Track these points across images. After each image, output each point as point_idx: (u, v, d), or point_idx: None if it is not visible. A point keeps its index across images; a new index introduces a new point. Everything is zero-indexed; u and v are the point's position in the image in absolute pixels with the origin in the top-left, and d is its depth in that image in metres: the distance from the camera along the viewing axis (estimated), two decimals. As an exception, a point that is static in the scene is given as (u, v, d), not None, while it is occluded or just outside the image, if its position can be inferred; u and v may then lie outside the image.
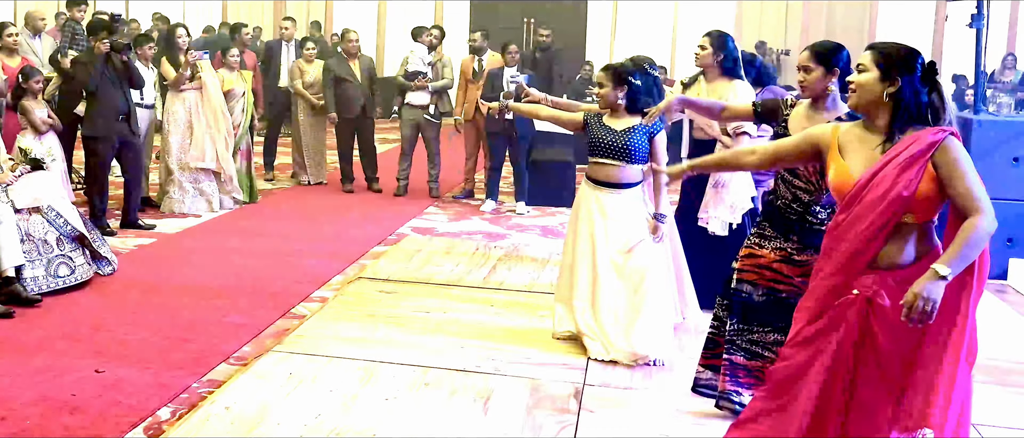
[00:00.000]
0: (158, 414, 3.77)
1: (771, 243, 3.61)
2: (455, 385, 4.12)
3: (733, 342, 3.69)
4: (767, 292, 3.60)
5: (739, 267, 3.68)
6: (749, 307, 3.64)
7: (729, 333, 3.70)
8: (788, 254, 3.56)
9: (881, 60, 2.74)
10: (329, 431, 3.61)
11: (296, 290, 5.61)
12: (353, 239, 7.11)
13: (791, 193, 3.57)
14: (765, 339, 3.63)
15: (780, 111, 3.70)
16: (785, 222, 3.58)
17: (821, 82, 3.54)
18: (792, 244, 3.56)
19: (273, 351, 4.47)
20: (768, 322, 3.60)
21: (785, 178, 3.61)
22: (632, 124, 4.54)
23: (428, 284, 5.82)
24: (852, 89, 2.80)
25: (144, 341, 4.60)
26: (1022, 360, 4.75)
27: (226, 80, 8.18)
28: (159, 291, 5.49)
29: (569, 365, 4.41)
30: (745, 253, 3.68)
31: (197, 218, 7.66)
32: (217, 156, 7.91)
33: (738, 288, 3.66)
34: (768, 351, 3.60)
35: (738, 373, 3.70)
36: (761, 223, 3.70)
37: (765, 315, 3.61)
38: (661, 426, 3.78)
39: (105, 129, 6.82)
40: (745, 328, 3.66)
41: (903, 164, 2.64)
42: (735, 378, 3.71)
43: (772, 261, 3.59)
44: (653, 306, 4.47)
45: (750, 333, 3.66)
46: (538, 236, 7.51)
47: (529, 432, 3.68)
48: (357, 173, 9.32)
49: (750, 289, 3.64)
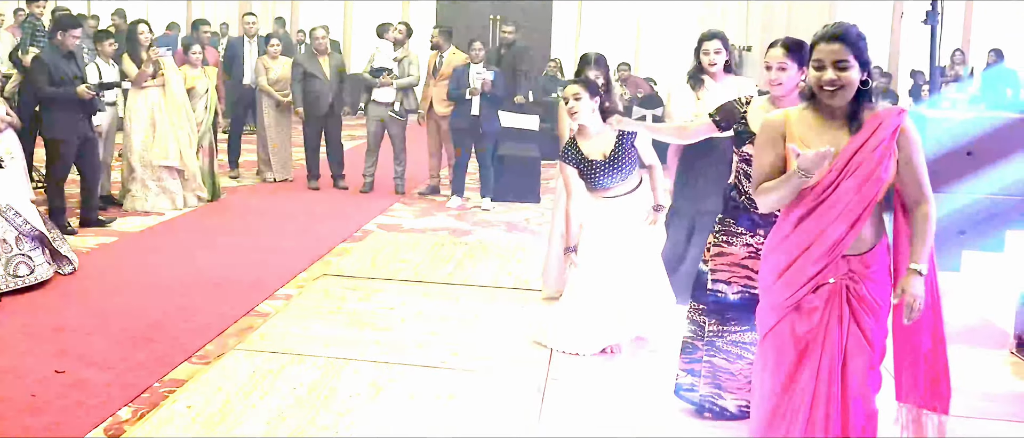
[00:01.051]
0: (119, 414, 3.75)
1: (739, 239, 3.63)
2: (419, 381, 4.14)
3: (713, 344, 3.70)
4: (742, 290, 3.62)
5: (713, 267, 3.69)
6: (725, 307, 3.66)
7: (708, 335, 3.71)
8: (756, 250, 3.55)
9: (857, 53, 2.73)
10: (292, 429, 3.61)
11: (260, 288, 5.60)
12: (318, 236, 7.10)
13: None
14: (743, 339, 3.64)
15: (736, 111, 3.72)
16: (751, 218, 3.61)
17: (794, 79, 3.55)
18: (759, 239, 3.56)
19: (236, 349, 4.47)
20: (746, 320, 3.59)
21: (746, 172, 3.60)
22: (607, 145, 4.44)
23: (393, 281, 5.83)
24: (839, 86, 2.73)
25: (105, 340, 4.57)
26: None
27: (189, 77, 8.13)
28: (121, 290, 5.45)
29: (533, 360, 4.45)
30: (716, 252, 3.69)
31: (160, 216, 7.60)
32: (180, 153, 7.85)
33: (714, 289, 3.68)
34: (748, 351, 3.62)
35: (720, 376, 3.71)
36: (725, 220, 3.70)
37: (741, 314, 3.62)
38: (624, 420, 3.83)
39: (67, 129, 6.74)
40: (724, 329, 3.67)
41: (881, 148, 2.70)
42: (717, 382, 3.72)
43: (742, 258, 3.61)
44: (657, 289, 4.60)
45: (729, 334, 3.67)
46: (503, 232, 7.54)
47: (492, 427, 3.71)
48: (323, 170, 9.30)
49: (725, 288, 3.66)
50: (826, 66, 2.73)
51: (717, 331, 3.69)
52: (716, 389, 3.73)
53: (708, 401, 3.75)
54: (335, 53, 9.28)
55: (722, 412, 3.74)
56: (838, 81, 2.72)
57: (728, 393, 3.72)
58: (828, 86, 2.74)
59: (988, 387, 4.34)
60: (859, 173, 2.69)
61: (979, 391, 4.26)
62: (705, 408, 3.77)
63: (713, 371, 3.72)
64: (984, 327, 5.23)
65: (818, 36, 2.80)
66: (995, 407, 4.08)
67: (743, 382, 3.65)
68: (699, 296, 3.78)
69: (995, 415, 3.99)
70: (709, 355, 3.71)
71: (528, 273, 6.06)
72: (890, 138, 2.70)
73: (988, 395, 4.23)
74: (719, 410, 3.74)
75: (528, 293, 5.61)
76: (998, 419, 3.96)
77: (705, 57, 5.14)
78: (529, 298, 5.49)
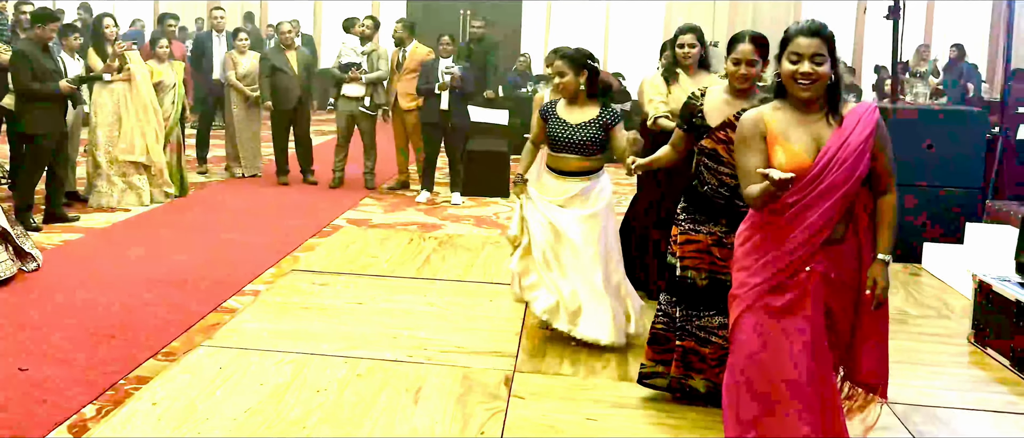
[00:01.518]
0: (83, 412, 3.73)
1: (704, 227, 3.72)
2: (387, 376, 4.15)
3: (683, 329, 3.78)
4: (709, 276, 3.71)
5: (681, 254, 3.76)
6: (693, 292, 3.74)
7: (679, 320, 3.79)
8: (719, 238, 3.67)
9: (831, 50, 2.85)
10: (259, 425, 3.61)
11: (228, 284, 5.58)
12: (287, 231, 7.08)
13: (717, 179, 3.65)
14: (711, 323, 3.73)
15: (693, 106, 3.78)
16: (713, 208, 3.68)
17: (760, 73, 3.66)
18: (721, 228, 3.66)
19: (203, 345, 4.46)
20: (713, 306, 3.71)
21: (709, 165, 3.67)
22: (590, 116, 4.46)
23: (362, 275, 5.84)
24: (813, 80, 2.84)
25: (70, 338, 4.54)
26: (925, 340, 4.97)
27: (155, 71, 8.06)
28: (86, 287, 5.41)
29: (500, 352, 4.48)
30: (683, 240, 3.76)
31: (126, 212, 7.54)
32: (147, 149, 7.79)
33: (683, 276, 3.76)
34: (715, 336, 3.71)
35: (689, 358, 3.79)
36: (688, 209, 3.77)
37: (709, 299, 3.72)
38: (591, 412, 3.86)
39: (48, 124, 6.68)
40: (693, 314, 3.76)
41: (862, 144, 2.82)
42: (687, 364, 3.80)
43: (708, 245, 3.70)
44: (608, 292, 4.48)
45: (698, 319, 3.75)
46: (472, 226, 7.56)
47: (460, 420, 3.73)
48: (292, 165, 9.26)
49: (694, 275, 3.74)
50: (803, 59, 2.85)
51: (686, 316, 3.77)
52: (685, 370, 3.80)
53: (677, 382, 3.83)
54: (304, 48, 9.24)
55: (692, 392, 3.82)
56: (813, 75, 2.84)
57: (697, 374, 3.79)
58: (803, 79, 2.85)
59: (946, 376, 4.43)
60: (843, 168, 2.81)
61: (937, 380, 4.35)
62: (674, 389, 3.85)
63: (684, 354, 3.80)
64: (943, 318, 5.32)
65: (796, 30, 2.90)
66: (953, 396, 4.16)
67: (713, 363, 3.73)
68: (671, 288, 3.84)
69: (953, 403, 4.08)
70: (680, 340, 3.79)
71: (497, 267, 6.08)
72: (870, 135, 2.82)
73: (946, 384, 4.31)
74: (689, 390, 3.82)
75: (497, 287, 5.63)
76: (956, 407, 4.04)
77: (680, 50, 5.21)
78: (498, 292, 5.52)
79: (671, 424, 3.74)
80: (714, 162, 3.66)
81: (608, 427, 3.71)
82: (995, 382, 4.38)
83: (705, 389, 3.79)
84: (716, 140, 3.65)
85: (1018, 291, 4.52)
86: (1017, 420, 3.96)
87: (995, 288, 4.66)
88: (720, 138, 3.62)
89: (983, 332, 4.75)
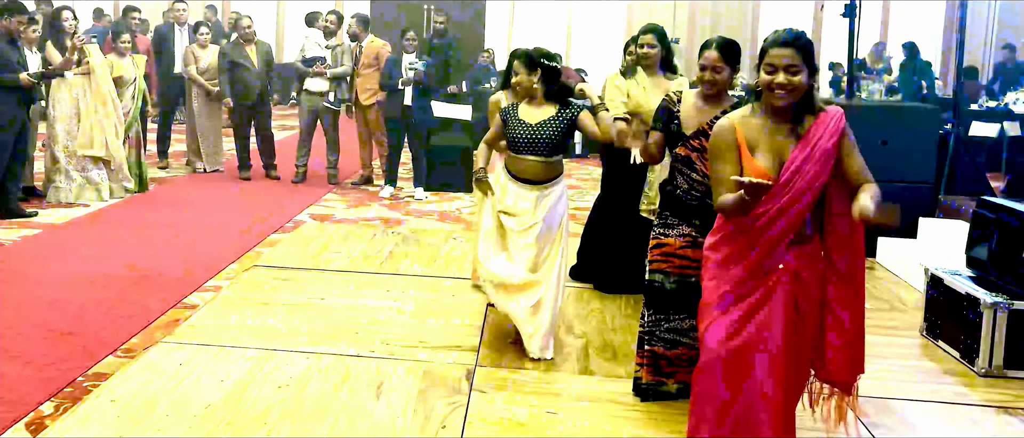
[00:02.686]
0: (41, 409, 3.70)
1: (675, 230, 3.75)
2: (349, 370, 4.16)
3: (652, 333, 3.82)
4: (678, 279, 3.75)
5: (650, 258, 3.81)
6: (662, 295, 3.78)
7: (647, 324, 3.84)
8: (693, 239, 3.69)
9: (807, 59, 2.90)
10: (219, 421, 3.61)
11: (188, 280, 5.54)
12: (249, 227, 7.04)
13: (688, 182, 3.71)
14: (681, 326, 3.78)
15: (671, 111, 3.80)
16: (686, 208, 3.73)
17: (727, 79, 3.69)
18: (695, 229, 3.70)
19: (162, 342, 4.43)
20: (682, 309, 3.74)
21: (681, 170, 3.75)
22: (548, 115, 4.38)
23: (325, 271, 5.83)
24: (789, 90, 2.89)
25: (27, 335, 4.49)
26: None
27: (116, 66, 7.97)
28: (44, 283, 5.35)
29: (462, 347, 4.51)
30: (653, 244, 3.81)
31: (85, 208, 7.46)
32: (106, 143, 7.70)
33: (651, 279, 3.80)
34: (686, 337, 3.76)
35: (659, 363, 3.84)
36: (662, 213, 3.82)
37: (678, 302, 3.75)
38: (552, 406, 3.90)
39: (7, 117, 6.57)
40: (662, 318, 3.80)
41: (826, 153, 2.89)
42: (657, 369, 3.85)
43: (678, 248, 3.73)
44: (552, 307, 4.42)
45: (667, 321, 3.79)
46: (435, 221, 7.57)
47: (421, 414, 3.75)
48: (255, 160, 9.20)
49: (661, 278, 3.77)
50: (778, 70, 2.89)
51: (655, 320, 3.81)
52: (658, 377, 3.86)
53: (652, 388, 3.88)
54: (263, 42, 9.18)
55: (664, 395, 3.88)
56: (788, 85, 2.89)
57: (668, 378, 3.85)
58: (779, 89, 2.90)
59: (900, 368, 4.53)
60: (808, 177, 2.88)
61: (891, 373, 4.45)
62: (649, 395, 3.90)
63: (654, 359, 3.84)
64: (896, 311, 5.44)
65: (771, 41, 2.96)
66: (906, 387, 4.26)
67: (682, 365, 3.79)
68: (644, 292, 3.89)
69: (906, 395, 4.17)
70: (650, 344, 3.84)
71: (459, 263, 6.11)
72: (836, 144, 2.89)
73: (899, 376, 4.41)
74: (661, 395, 3.89)
75: (459, 282, 5.66)
76: (909, 399, 4.14)
77: (641, 50, 5.26)
78: (461, 287, 5.54)
79: (632, 417, 3.79)
80: (688, 168, 3.72)
81: (569, 421, 3.75)
82: (946, 374, 4.49)
83: (676, 390, 3.86)
84: (690, 148, 3.70)
85: (969, 285, 4.63)
86: (967, 411, 4.07)
87: (946, 282, 4.77)
88: (694, 146, 3.68)
89: (935, 325, 4.87)
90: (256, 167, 9.19)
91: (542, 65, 4.40)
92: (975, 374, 4.44)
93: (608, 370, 4.29)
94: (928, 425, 3.90)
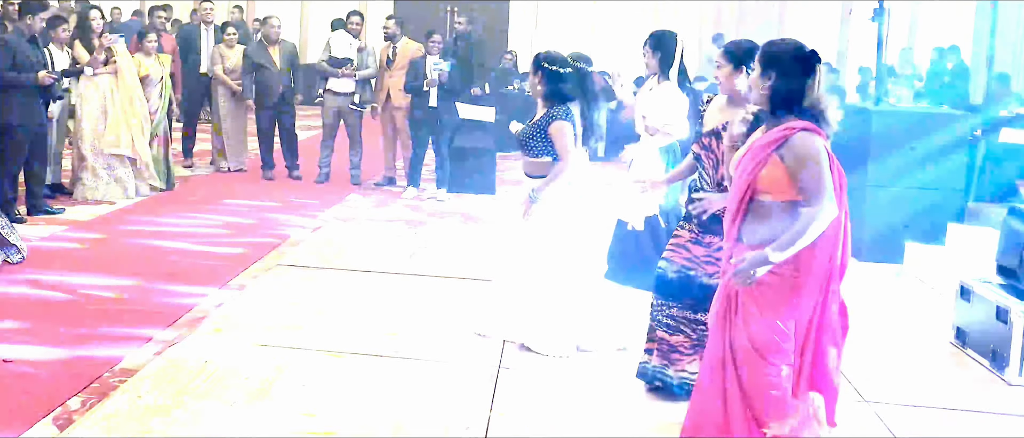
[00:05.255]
0: (68, 404, 3.71)
1: (689, 223, 3.86)
2: (372, 370, 4.16)
3: (657, 319, 3.90)
4: (680, 269, 3.82)
5: (667, 247, 3.92)
6: (663, 282, 3.86)
7: (653, 309, 3.92)
8: (697, 235, 3.81)
9: (761, 58, 3.01)
10: (243, 418, 3.62)
11: (213, 277, 5.57)
12: (273, 226, 7.07)
13: (699, 180, 3.83)
14: (678, 314, 3.84)
15: (701, 113, 3.91)
16: (687, 213, 3.85)
17: (729, 79, 3.70)
18: (693, 224, 3.81)
19: (188, 338, 4.45)
20: (677, 297, 3.83)
21: (696, 168, 3.85)
22: (538, 115, 4.58)
23: (348, 271, 5.84)
24: (749, 88, 3.07)
25: (55, 330, 4.52)
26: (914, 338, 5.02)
27: (143, 65, 8.03)
28: (70, 279, 5.38)
29: (486, 349, 4.50)
30: (675, 232, 3.94)
31: (111, 205, 7.51)
32: (132, 141, 7.75)
33: (659, 265, 3.89)
34: (685, 326, 3.82)
35: (663, 347, 3.89)
36: (687, 211, 3.89)
37: (675, 290, 3.83)
38: (578, 407, 3.89)
39: (25, 115, 6.63)
40: (663, 304, 3.88)
41: (753, 151, 2.98)
42: (665, 353, 3.89)
43: (686, 240, 3.83)
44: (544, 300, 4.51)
45: (668, 308, 3.87)
46: (459, 222, 7.57)
47: (445, 414, 3.75)
48: (278, 160, 9.24)
49: (666, 265, 3.86)
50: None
51: (659, 305, 3.90)
52: (664, 361, 3.89)
53: (658, 372, 3.91)
54: (288, 42, 9.22)
55: (667, 386, 3.89)
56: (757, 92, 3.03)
57: (673, 367, 3.87)
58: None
59: (928, 376, 4.48)
60: (744, 172, 2.98)
61: (919, 380, 4.40)
62: (653, 379, 3.92)
63: (660, 343, 3.90)
64: (924, 318, 5.38)
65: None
66: (935, 395, 4.22)
67: (685, 355, 3.83)
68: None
69: (933, 403, 4.13)
70: (658, 328, 3.91)
71: (482, 264, 6.09)
72: (765, 147, 2.94)
73: (926, 383, 4.36)
74: (663, 384, 3.90)
75: (483, 283, 5.64)
76: (936, 407, 4.09)
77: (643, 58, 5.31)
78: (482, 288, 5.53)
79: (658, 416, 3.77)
80: (698, 166, 3.83)
81: (595, 420, 3.73)
82: (975, 382, 4.44)
83: (678, 383, 3.86)
84: (700, 147, 3.78)
85: (998, 293, 4.57)
86: (996, 419, 4.02)
87: (976, 290, 4.71)
88: (704, 145, 3.77)
89: (964, 333, 4.81)
90: (279, 167, 9.23)
91: (543, 67, 4.56)
92: (1005, 382, 4.38)
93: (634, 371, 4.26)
94: (956, 433, 3.85)
